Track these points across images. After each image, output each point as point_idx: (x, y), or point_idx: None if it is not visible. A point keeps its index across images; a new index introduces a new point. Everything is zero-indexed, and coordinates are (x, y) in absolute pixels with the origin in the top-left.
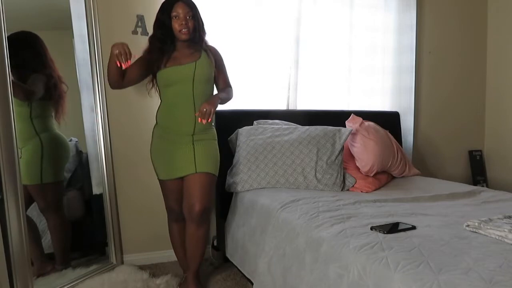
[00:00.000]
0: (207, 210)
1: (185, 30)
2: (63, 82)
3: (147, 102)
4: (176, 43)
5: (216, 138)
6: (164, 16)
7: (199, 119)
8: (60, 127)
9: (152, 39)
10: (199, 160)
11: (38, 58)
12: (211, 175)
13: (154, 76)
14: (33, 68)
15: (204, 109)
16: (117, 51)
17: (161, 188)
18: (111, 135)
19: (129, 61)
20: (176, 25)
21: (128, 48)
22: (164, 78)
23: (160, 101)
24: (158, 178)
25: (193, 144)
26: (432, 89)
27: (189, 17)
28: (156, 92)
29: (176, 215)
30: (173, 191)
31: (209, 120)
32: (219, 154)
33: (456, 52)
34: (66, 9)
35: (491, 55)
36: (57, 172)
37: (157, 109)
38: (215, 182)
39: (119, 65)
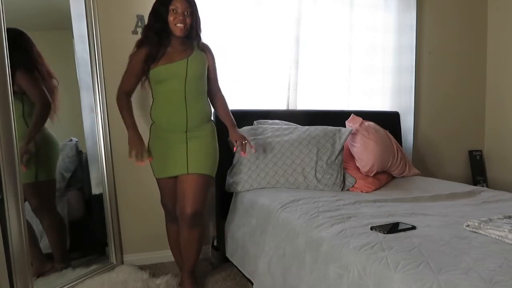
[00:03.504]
0: (199, 213)
1: (181, 25)
2: (53, 77)
3: (146, 102)
4: (171, 38)
5: (214, 132)
6: (162, 8)
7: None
8: (54, 124)
9: (148, 31)
10: (191, 160)
11: (22, 54)
12: (205, 176)
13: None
14: (15, 65)
15: (243, 142)
16: (134, 152)
17: (158, 186)
18: (111, 135)
19: (143, 162)
20: (171, 18)
21: (145, 151)
22: (157, 75)
23: (152, 98)
24: (154, 176)
25: (186, 142)
26: (432, 89)
27: (187, 13)
28: (148, 87)
29: (170, 213)
30: (167, 189)
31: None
32: (217, 151)
33: (456, 52)
34: (66, 9)
35: (491, 55)
36: (50, 171)
37: (150, 107)
38: (210, 183)
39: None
